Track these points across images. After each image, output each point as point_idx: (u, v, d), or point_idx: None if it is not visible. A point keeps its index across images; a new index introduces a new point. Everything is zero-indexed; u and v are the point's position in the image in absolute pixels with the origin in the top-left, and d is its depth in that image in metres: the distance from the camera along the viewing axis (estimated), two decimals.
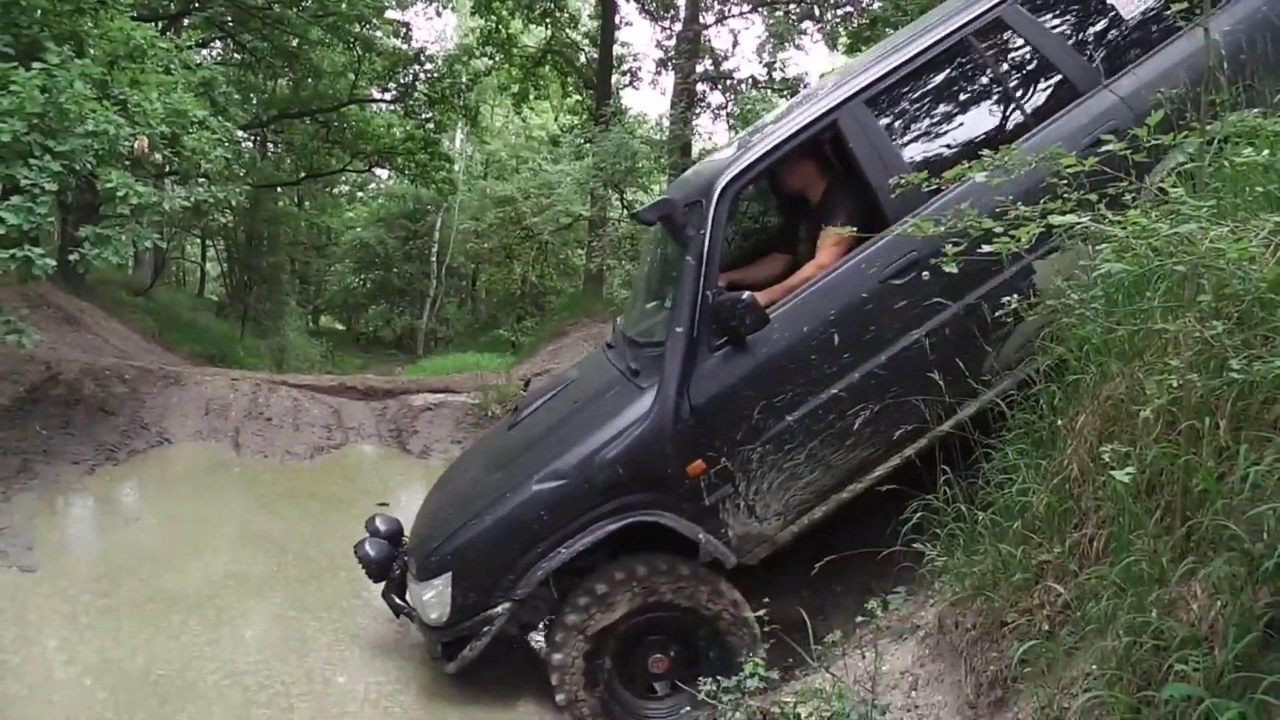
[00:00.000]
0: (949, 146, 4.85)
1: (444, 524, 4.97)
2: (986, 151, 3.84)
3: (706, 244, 4.56)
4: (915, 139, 4.97)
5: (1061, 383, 3.55)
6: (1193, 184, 3.37)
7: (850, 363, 4.52)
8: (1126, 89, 4.61)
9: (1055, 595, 3.06)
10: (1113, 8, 4.86)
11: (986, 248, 3.57)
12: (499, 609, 4.61)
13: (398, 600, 5.24)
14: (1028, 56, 4.88)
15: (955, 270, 3.92)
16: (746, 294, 4.42)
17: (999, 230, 3.46)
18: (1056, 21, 4.92)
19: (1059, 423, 3.43)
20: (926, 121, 5.04)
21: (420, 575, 4.83)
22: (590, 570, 4.66)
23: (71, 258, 8.35)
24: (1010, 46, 4.90)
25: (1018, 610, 3.21)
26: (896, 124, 4.96)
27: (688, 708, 4.54)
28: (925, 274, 4.48)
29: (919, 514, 3.98)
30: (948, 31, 4.87)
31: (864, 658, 3.77)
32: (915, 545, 3.92)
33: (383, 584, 5.38)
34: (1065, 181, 3.47)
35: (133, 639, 5.22)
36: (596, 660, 4.61)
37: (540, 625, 5.09)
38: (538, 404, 5.70)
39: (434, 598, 4.70)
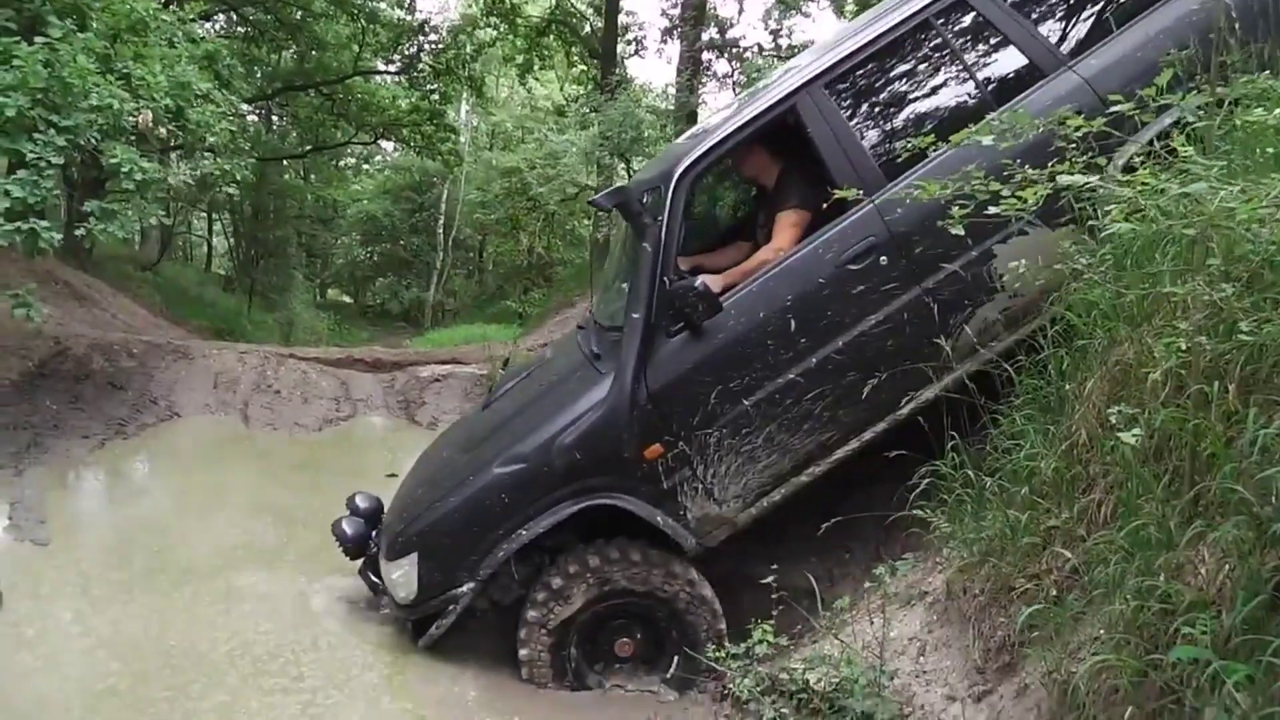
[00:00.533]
0: (910, 129, 4.76)
1: (413, 504, 5.05)
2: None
3: (664, 231, 4.56)
4: (875, 122, 4.94)
5: (1070, 347, 3.54)
6: (1202, 146, 3.33)
7: (807, 348, 4.52)
8: (1090, 70, 4.53)
9: (1063, 560, 3.06)
10: None
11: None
12: (463, 588, 4.67)
13: (373, 578, 5.30)
14: (989, 37, 4.80)
15: (919, 252, 4.00)
16: (700, 280, 4.43)
17: (1005, 193, 3.43)
18: (1020, 2, 4.79)
19: (1067, 387, 3.42)
20: (887, 104, 5.00)
21: (389, 555, 4.91)
22: (560, 549, 4.73)
23: (78, 232, 8.36)
24: (972, 27, 4.81)
25: (1025, 575, 3.21)
26: (857, 107, 4.92)
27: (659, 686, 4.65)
28: (883, 259, 4.50)
29: (927, 480, 3.97)
30: (910, 12, 4.79)
31: (872, 624, 3.78)
32: (923, 511, 3.92)
33: (360, 561, 5.44)
34: (1073, 145, 3.44)
35: (145, 611, 5.24)
36: (562, 652, 4.68)
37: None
38: (511, 385, 5.75)
39: (401, 577, 4.79)
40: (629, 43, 21.08)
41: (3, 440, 7.43)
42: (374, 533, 5.43)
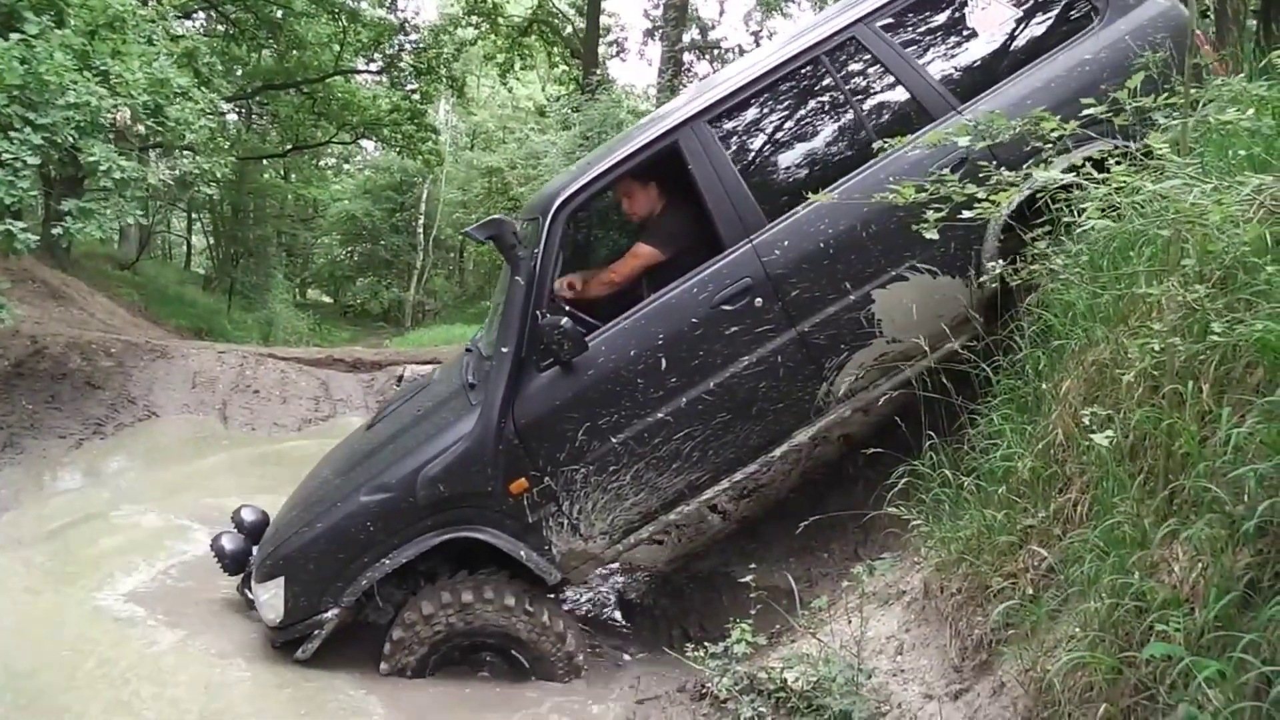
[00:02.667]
0: (793, 168, 4.83)
1: (285, 527, 5.00)
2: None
3: (537, 265, 4.56)
4: (757, 161, 4.89)
5: (1046, 348, 3.56)
6: (1177, 146, 3.36)
7: (677, 387, 4.51)
8: (980, 114, 4.38)
9: (1039, 559, 3.08)
10: (973, 32, 4.79)
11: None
12: (328, 614, 4.65)
13: (249, 594, 5.20)
14: (880, 78, 4.75)
15: (795, 295, 4.29)
16: (566, 320, 4.39)
17: (980, 195, 3.45)
18: (913, 43, 4.76)
19: (1044, 387, 3.44)
20: (772, 143, 4.96)
21: (258, 577, 4.87)
22: (432, 575, 4.77)
23: (55, 232, 8.30)
24: (863, 67, 4.77)
25: (1002, 574, 3.22)
26: (741, 145, 4.86)
27: None
28: (758, 300, 4.48)
29: (904, 479, 3.99)
30: (799, 49, 4.76)
31: (850, 623, 3.78)
32: (901, 511, 3.93)
33: (239, 578, 5.37)
34: (1050, 145, 3.46)
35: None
36: (421, 675, 4.71)
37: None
38: (396, 405, 5.73)
39: (270, 599, 4.75)
40: (610, 44, 21.14)
41: None
42: (254, 549, 5.31)
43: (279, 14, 19.15)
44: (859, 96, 4.77)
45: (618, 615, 5.76)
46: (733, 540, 5.86)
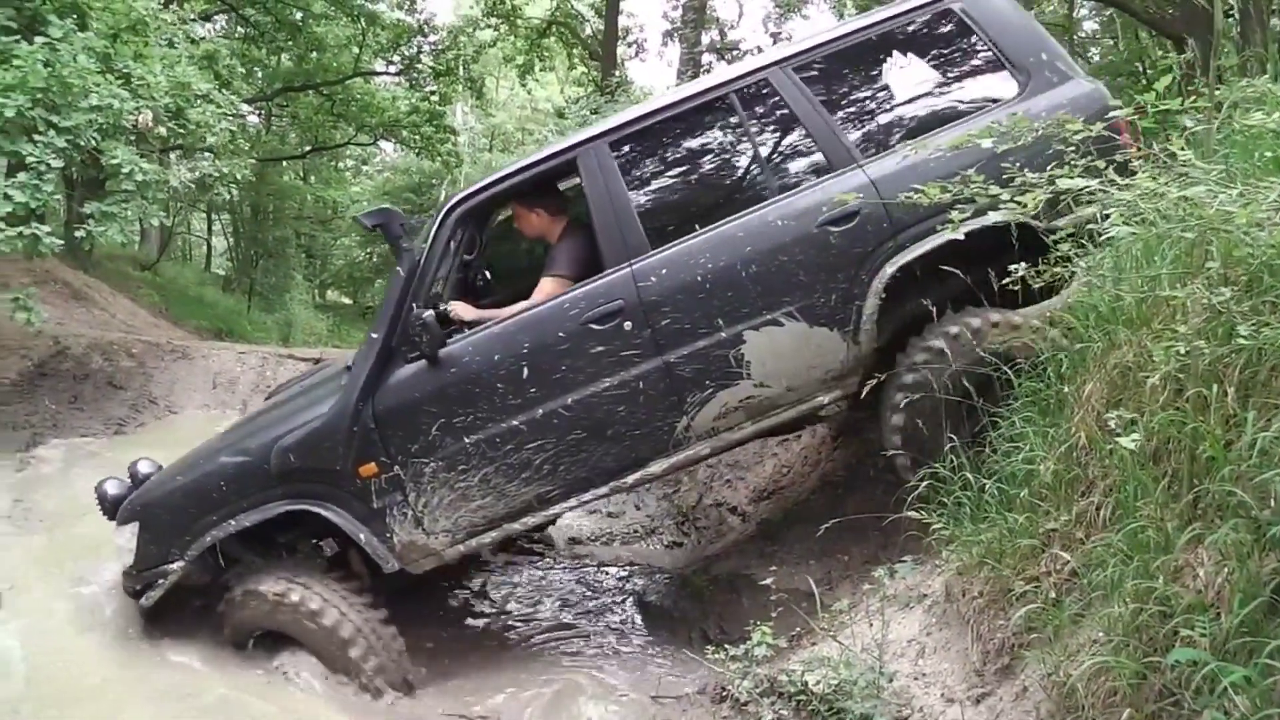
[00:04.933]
0: (685, 201, 4.86)
1: (157, 478, 5.13)
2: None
3: (421, 259, 4.64)
4: (652, 189, 4.91)
5: (1069, 350, 3.54)
6: (1201, 151, 3.35)
7: (535, 398, 4.54)
8: (880, 171, 4.48)
9: (1062, 563, 3.06)
10: (886, 87, 4.74)
11: None
12: (173, 565, 4.78)
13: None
14: (786, 123, 4.73)
15: (665, 324, 4.38)
16: (429, 313, 4.46)
17: (1005, 196, 3.44)
18: (825, 92, 4.71)
19: (1066, 390, 3.42)
20: (668, 173, 4.97)
21: (119, 520, 4.98)
22: (292, 547, 5.00)
23: (78, 234, 8.35)
24: (771, 110, 4.75)
25: (1024, 578, 3.20)
26: (637, 171, 4.86)
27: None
28: (628, 324, 4.49)
29: (925, 482, 3.98)
30: (711, 84, 4.81)
31: (871, 626, 3.78)
32: (921, 514, 3.92)
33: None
34: (1073, 149, 3.45)
35: None
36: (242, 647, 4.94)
37: None
38: (302, 382, 5.85)
39: (124, 544, 4.88)
40: (629, 45, 21.13)
41: (3, 439, 7.44)
42: None
43: (298, 16, 19.20)
44: (761, 138, 4.78)
45: (637, 616, 5.75)
46: (753, 542, 5.84)
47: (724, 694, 4.01)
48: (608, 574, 6.45)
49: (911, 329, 4.52)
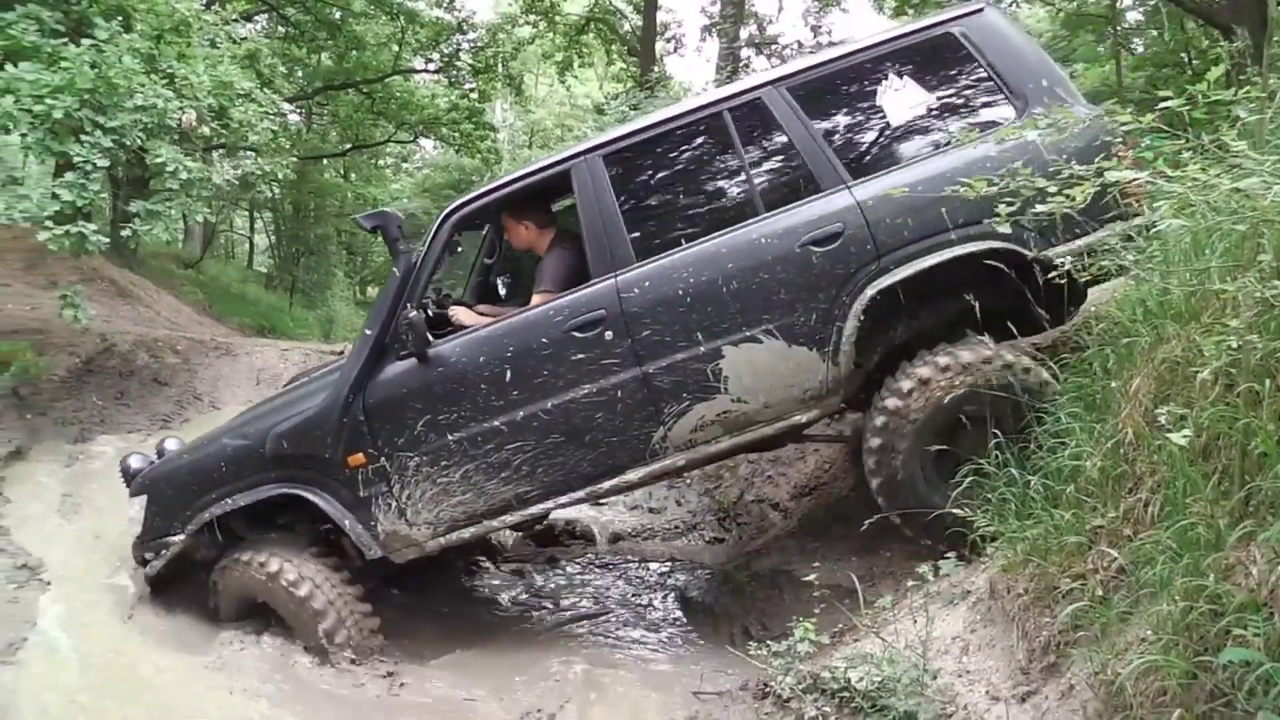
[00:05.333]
0: (673, 216, 4.90)
1: (169, 455, 5.45)
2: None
3: (418, 261, 4.79)
4: (642, 202, 4.96)
5: (1115, 345, 3.50)
6: (1254, 141, 3.29)
7: (517, 400, 4.67)
8: (866, 193, 4.50)
9: (1109, 560, 3.03)
10: (881, 110, 4.71)
11: None
12: (175, 538, 5.07)
13: None
14: (777, 143, 4.76)
15: (645, 335, 4.46)
16: (417, 315, 4.65)
17: (1053, 190, 3.40)
18: (818, 113, 4.73)
19: (1113, 385, 3.38)
20: (658, 187, 5.04)
21: (132, 492, 5.34)
22: (292, 527, 5.22)
23: (124, 233, 8.46)
24: (763, 129, 4.78)
25: (1070, 575, 3.17)
26: (628, 185, 4.90)
27: None
28: (609, 334, 4.58)
29: (970, 478, 3.95)
30: (704, 103, 4.86)
31: (914, 623, 3.76)
32: (966, 510, 3.89)
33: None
34: (1120, 140, 3.40)
35: None
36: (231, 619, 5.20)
37: None
38: (318, 371, 5.97)
39: (135, 514, 5.23)
40: (668, 40, 21.11)
41: (53, 435, 7.55)
42: None
43: (338, 15, 19.33)
44: (753, 157, 4.81)
45: (678, 612, 5.75)
46: (794, 538, 5.83)
47: (766, 690, 4.01)
48: (649, 570, 6.45)
49: (904, 352, 4.58)
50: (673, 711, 4.41)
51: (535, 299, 4.92)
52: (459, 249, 5.49)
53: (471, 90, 21.67)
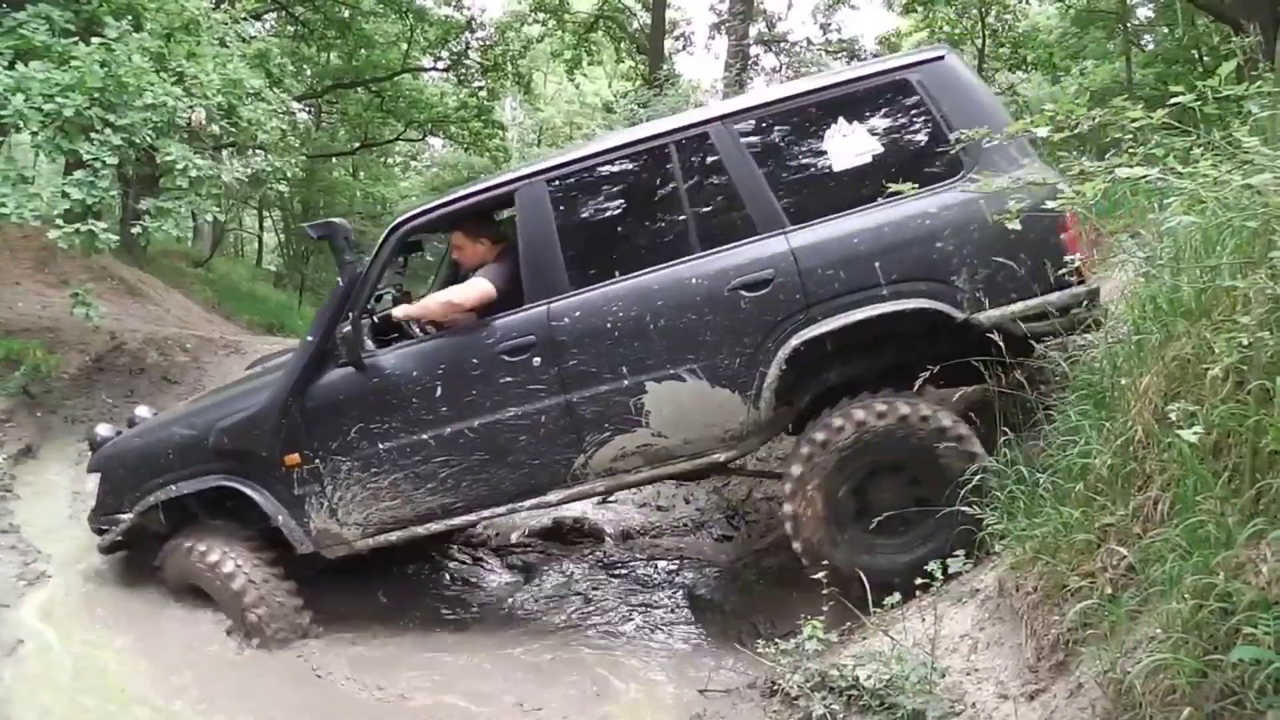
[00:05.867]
0: (609, 247, 4.95)
1: (125, 436, 5.62)
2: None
3: (363, 272, 4.88)
4: (580, 230, 4.98)
5: (1125, 342, 3.49)
6: (1265, 138, 3.28)
7: (446, 417, 4.77)
8: (802, 241, 4.50)
9: (1118, 558, 3.02)
10: (826, 154, 4.64)
11: None
12: (124, 516, 5.25)
13: None
14: (720, 180, 4.71)
15: (572, 364, 4.55)
16: (350, 329, 4.77)
17: (1063, 187, 3.39)
18: (763, 154, 4.70)
19: (1122, 383, 3.37)
20: (598, 216, 5.06)
21: (89, 467, 5.64)
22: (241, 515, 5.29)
23: (134, 231, 8.48)
24: (707, 165, 4.75)
25: (1079, 573, 3.16)
26: (569, 211, 4.94)
27: None
28: (537, 360, 4.66)
29: (978, 475, 3.94)
30: (651, 133, 4.86)
31: (923, 621, 3.75)
32: (974, 508, 3.88)
33: None
34: (1130, 136, 3.39)
35: None
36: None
37: None
38: (273, 361, 6.11)
39: (91, 490, 5.50)
40: (677, 38, 21.09)
41: (63, 432, 7.58)
42: None
43: (347, 14, 19.36)
44: (694, 192, 4.77)
45: (687, 610, 5.74)
46: None
47: (774, 688, 4.01)
48: (657, 567, 6.45)
49: (842, 391, 4.63)
50: (680, 709, 4.41)
51: (476, 280, 4.96)
52: (405, 262, 5.71)
53: (480, 88, 21.70)
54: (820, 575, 4.25)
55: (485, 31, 22.14)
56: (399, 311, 5.05)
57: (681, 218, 4.73)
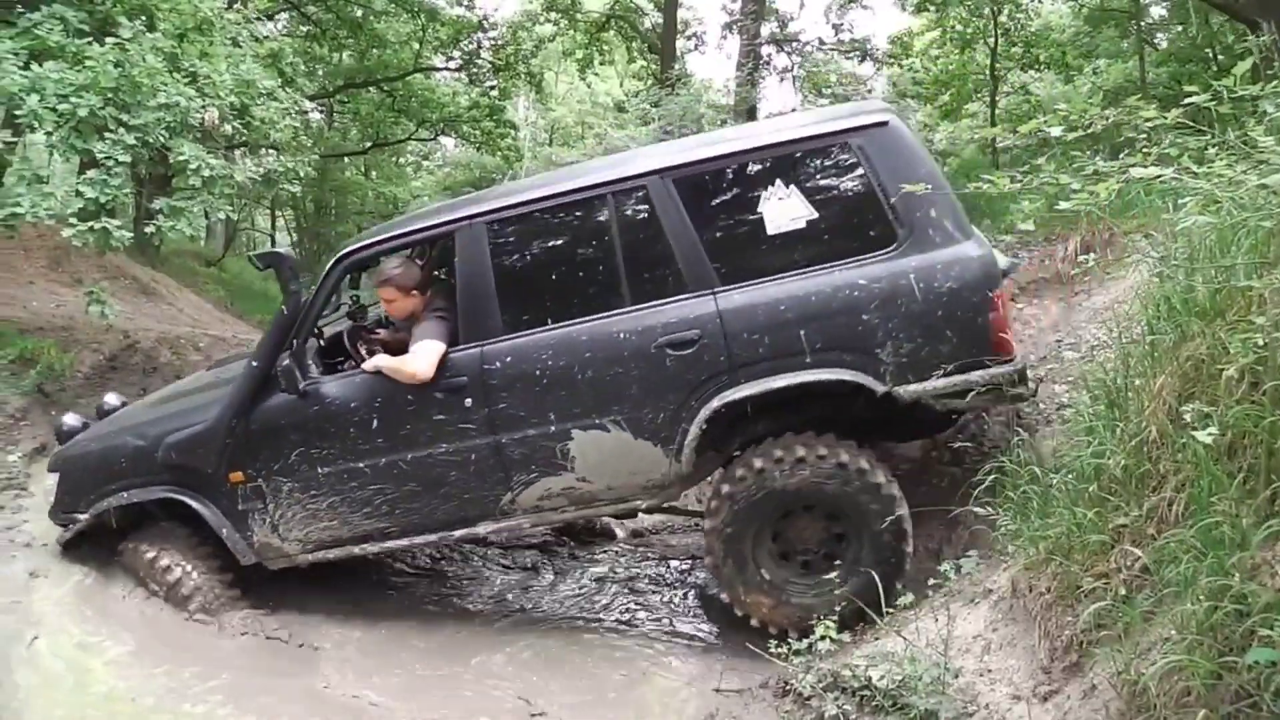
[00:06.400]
0: (542, 294, 4.98)
1: (83, 438, 5.72)
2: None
3: (307, 302, 5.01)
4: (515, 275, 5.01)
5: (1139, 342, 3.48)
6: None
7: (381, 448, 4.93)
8: (730, 304, 4.54)
9: (1133, 559, 3.01)
10: (760, 217, 4.61)
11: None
12: (80, 517, 5.40)
13: None
14: (655, 235, 4.71)
15: (501, 407, 4.73)
16: (288, 363, 4.87)
17: (1075, 186, 3.38)
18: (698, 211, 4.69)
19: (1136, 383, 3.36)
20: (534, 262, 5.12)
21: (49, 466, 5.76)
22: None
23: (147, 230, 8.51)
24: (642, 219, 4.77)
25: (1093, 574, 3.16)
26: (506, 255, 4.99)
27: None
28: (468, 400, 4.79)
29: (991, 476, 3.93)
30: (590, 183, 4.85)
31: (936, 621, 3.74)
32: (987, 508, 3.88)
33: None
34: (1145, 136, 3.38)
35: None
36: None
37: None
38: (231, 367, 6.11)
39: (49, 487, 5.59)
40: (689, 38, 21.09)
41: None
42: None
43: (359, 13, 19.39)
44: (628, 245, 4.78)
45: (699, 608, 5.74)
46: None
47: (787, 688, 4.00)
48: (669, 566, 6.44)
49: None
50: (693, 708, 4.41)
51: (423, 345, 4.89)
52: (347, 292, 5.81)
53: (492, 88, 21.71)
54: (745, 616, 4.56)
55: (497, 31, 22.14)
56: (369, 365, 5.04)
57: (614, 269, 4.77)
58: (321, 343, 5.43)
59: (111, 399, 6.24)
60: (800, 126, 4.78)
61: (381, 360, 4.97)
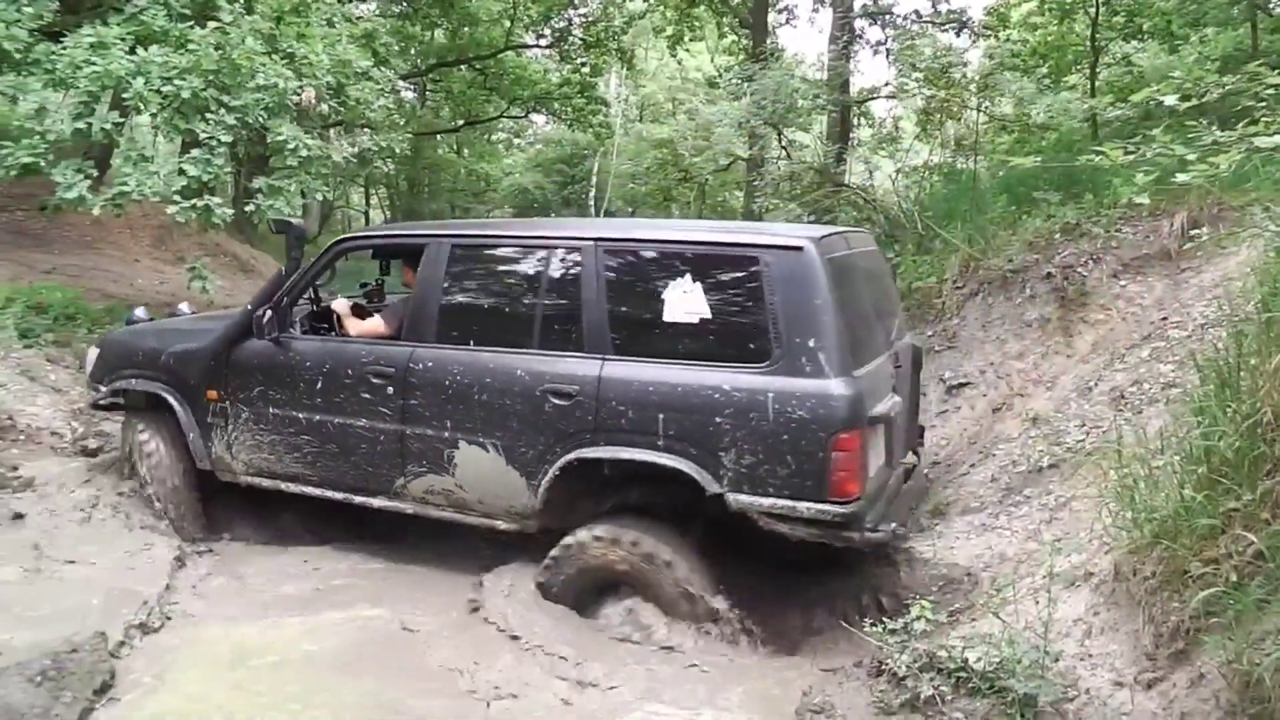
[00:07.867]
0: (476, 319, 5.46)
1: (123, 330, 6.72)
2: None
3: (302, 271, 5.81)
4: (461, 294, 5.54)
5: (1253, 320, 3.36)
6: None
7: (316, 406, 5.63)
8: (612, 373, 4.85)
9: (1245, 544, 2.92)
10: (661, 304, 4.85)
11: None
12: (104, 388, 6.35)
13: None
14: (574, 295, 5.08)
15: (414, 403, 5.29)
16: (269, 315, 5.62)
17: (1192, 156, 3.27)
18: (616, 285, 5.02)
19: (1251, 363, 3.24)
20: (476, 287, 5.61)
21: (95, 343, 6.91)
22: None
23: (247, 208, 8.70)
24: (571, 278, 5.12)
25: (1202, 559, 3.07)
26: (457, 274, 5.52)
27: None
28: (390, 389, 5.39)
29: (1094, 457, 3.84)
30: (543, 234, 5.46)
31: (1035, 604, 3.67)
32: (1090, 491, 3.79)
33: None
34: (1264, 105, 3.26)
35: None
36: None
37: None
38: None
39: (89, 359, 6.62)
40: (780, 12, 20.83)
41: None
42: None
43: None
44: (551, 297, 5.20)
45: (793, 587, 5.71)
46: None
47: (881, 668, 3.96)
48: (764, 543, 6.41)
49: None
50: (795, 685, 4.39)
51: (377, 318, 5.92)
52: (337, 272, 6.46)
53: (583, 64, 21.74)
54: None
55: (588, 7, 22.15)
56: (335, 304, 6.02)
57: (533, 316, 5.24)
58: (316, 308, 6.24)
59: (140, 312, 7.04)
60: (726, 233, 5.15)
61: (340, 307, 5.98)
